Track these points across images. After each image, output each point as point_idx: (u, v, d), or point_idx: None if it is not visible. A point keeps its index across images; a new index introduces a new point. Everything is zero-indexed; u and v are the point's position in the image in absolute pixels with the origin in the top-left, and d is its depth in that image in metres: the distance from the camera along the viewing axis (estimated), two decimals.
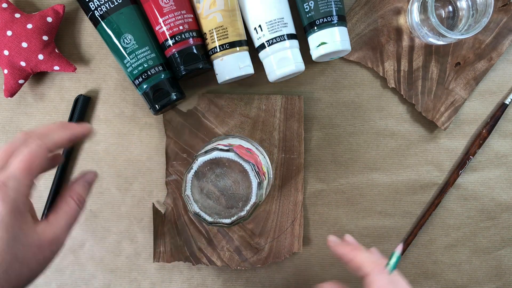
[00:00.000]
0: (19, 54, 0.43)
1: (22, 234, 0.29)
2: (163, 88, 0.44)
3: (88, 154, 0.48)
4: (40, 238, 0.30)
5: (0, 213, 0.28)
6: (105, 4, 0.43)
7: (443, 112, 0.46)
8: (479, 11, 0.42)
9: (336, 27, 0.43)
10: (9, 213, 0.28)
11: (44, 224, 0.31)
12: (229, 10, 0.43)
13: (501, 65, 0.47)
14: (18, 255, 0.28)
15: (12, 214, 0.28)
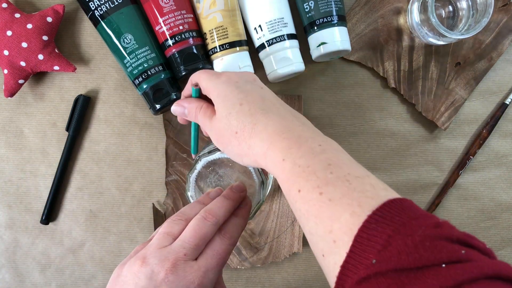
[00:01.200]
0: (19, 54, 0.43)
1: None
2: (163, 88, 0.44)
3: (88, 154, 0.48)
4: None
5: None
6: (105, 4, 0.43)
7: (443, 112, 0.46)
8: (479, 11, 0.42)
9: (336, 27, 0.42)
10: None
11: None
12: (229, 10, 0.43)
13: (501, 65, 0.47)
14: None
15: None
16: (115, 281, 0.29)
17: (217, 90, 0.32)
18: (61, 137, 0.48)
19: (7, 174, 0.48)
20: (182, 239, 0.30)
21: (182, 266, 0.28)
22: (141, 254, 0.30)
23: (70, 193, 0.48)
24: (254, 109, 0.30)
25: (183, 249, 0.29)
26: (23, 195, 0.48)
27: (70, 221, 0.48)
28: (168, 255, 0.29)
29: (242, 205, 0.34)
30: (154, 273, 0.28)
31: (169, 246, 0.30)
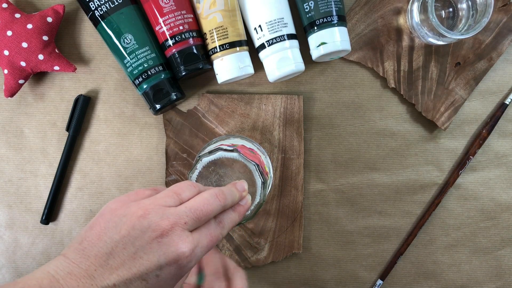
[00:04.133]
0: (19, 54, 0.43)
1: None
2: (163, 88, 0.44)
3: (88, 154, 0.48)
4: None
5: (173, 275, 0.28)
6: (105, 4, 0.43)
7: (443, 112, 0.46)
8: (479, 11, 0.42)
9: (336, 27, 0.43)
10: (176, 278, 0.29)
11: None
12: (229, 10, 0.43)
13: (501, 65, 0.47)
14: None
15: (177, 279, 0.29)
16: (106, 218, 0.28)
17: None
18: (61, 137, 0.48)
19: (7, 174, 0.48)
20: (189, 206, 0.29)
21: (179, 232, 0.28)
22: (145, 205, 0.29)
23: (70, 193, 0.48)
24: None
25: (186, 216, 0.29)
26: (23, 195, 0.48)
27: (70, 221, 0.48)
28: (170, 216, 0.28)
29: (241, 202, 0.34)
30: (150, 228, 0.27)
31: (174, 208, 0.29)
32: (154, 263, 0.27)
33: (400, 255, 0.47)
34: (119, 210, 0.29)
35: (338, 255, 0.48)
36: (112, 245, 0.27)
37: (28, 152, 0.48)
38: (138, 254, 0.27)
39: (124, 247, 0.27)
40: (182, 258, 0.28)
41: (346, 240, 0.48)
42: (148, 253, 0.27)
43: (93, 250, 0.27)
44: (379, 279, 0.48)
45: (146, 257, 0.27)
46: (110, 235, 0.27)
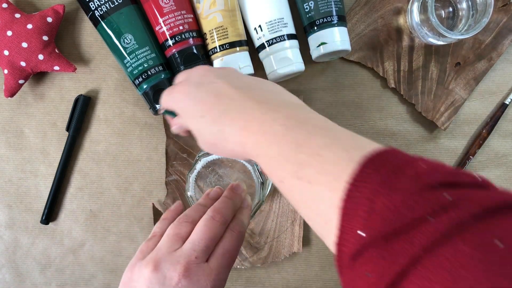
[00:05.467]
0: (19, 54, 0.43)
1: None
2: (163, 88, 0.44)
3: (88, 154, 0.48)
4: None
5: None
6: (105, 4, 0.43)
7: (443, 112, 0.46)
8: (479, 11, 0.42)
9: (336, 27, 0.43)
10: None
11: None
12: (229, 10, 0.43)
13: (501, 65, 0.47)
14: None
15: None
16: (126, 286, 0.29)
17: (178, 108, 0.31)
18: (61, 137, 0.48)
19: (7, 174, 0.48)
20: (192, 242, 0.30)
21: (195, 270, 0.28)
22: (152, 257, 0.29)
23: (70, 193, 0.48)
24: (214, 116, 0.28)
25: (194, 251, 0.29)
26: (23, 195, 0.48)
27: (70, 221, 0.48)
28: (179, 259, 0.29)
29: (243, 205, 0.34)
30: (166, 278, 0.28)
31: (180, 250, 0.30)
32: None
33: None
34: (131, 275, 0.29)
35: None
36: None
37: (28, 152, 0.48)
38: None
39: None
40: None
41: None
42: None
43: None
44: None
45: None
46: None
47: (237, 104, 0.28)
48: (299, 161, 0.23)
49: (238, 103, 0.28)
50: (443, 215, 0.18)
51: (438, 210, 0.18)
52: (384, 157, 0.21)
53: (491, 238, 0.17)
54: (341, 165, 0.22)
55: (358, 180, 0.21)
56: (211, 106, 0.28)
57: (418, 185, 0.19)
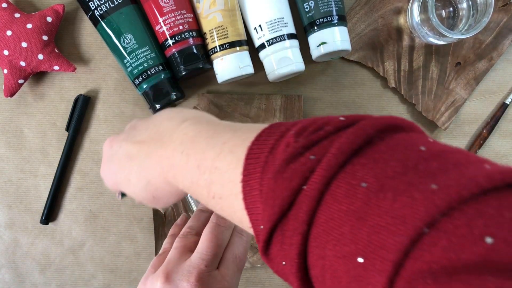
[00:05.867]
0: (19, 54, 0.43)
1: None
2: (163, 88, 0.43)
3: (88, 154, 0.48)
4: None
5: None
6: (105, 4, 0.43)
7: (443, 112, 0.46)
8: (480, 11, 0.42)
9: (336, 27, 0.42)
10: None
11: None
12: (229, 10, 0.43)
13: (502, 65, 0.47)
14: None
15: None
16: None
17: (112, 186, 0.33)
18: (61, 137, 0.48)
19: (7, 174, 0.48)
20: (199, 251, 0.30)
21: (207, 279, 0.29)
22: (162, 270, 0.29)
23: (70, 193, 0.48)
24: (136, 175, 0.29)
25: (203, 260, 0.29)
26: (23, 195, 0.48)
27: (70, 221, 0.48)
28: (190, 269, 0.29)
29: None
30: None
31: (189, 260, 0.30)
32: None
33: None
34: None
35: None
36: None
37: (27, 152, 0.48)
38: None
39: None
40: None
41: None
42: None
43: None
44: None
45: None
46: None
47: (145, 153, 0.28)
48: (206, 182, 0.24)
49: (146, 152, 0.28)
50: (312, 178, 0.19)
51: (307, 175, 0.19)
52: (261, 143, 0.22)
53: (358, 182, 0.18)
54: (233, 170, 0.22)
55: (245, 177, 0.22)
56: (129, 169, 0.29)
57: (286, 160, 0.20)
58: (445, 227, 0.15)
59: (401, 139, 0.19)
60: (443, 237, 0.15)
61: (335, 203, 0.18)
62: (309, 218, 0.18)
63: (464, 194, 0.15)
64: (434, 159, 0.18)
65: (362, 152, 0.19)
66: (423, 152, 0.18)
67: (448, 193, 0.16)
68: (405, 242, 0.15)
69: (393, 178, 0.17)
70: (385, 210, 0.16)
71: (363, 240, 0.17)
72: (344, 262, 0.17)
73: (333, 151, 0.19)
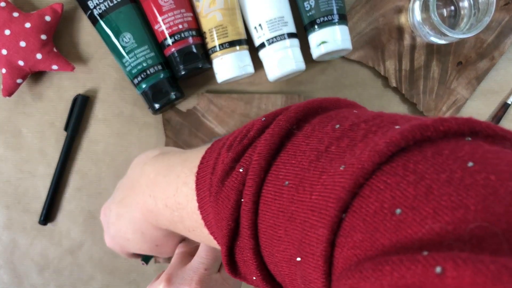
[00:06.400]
0: (17, 53, 0.43)
1: None
2: (162, 87, 0.43)
3: (87, 154, 0.47)
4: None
5: None
6: (104, 3, 0.42)
7: (445, 112, 0.46)
8: (481, 10, 0.42)
9: (337, 26, 0.42)
10: None
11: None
12: (229, 8, 0.43)
13: (503, 64, 0.47)
14: None
15: None
16: None
17: (119, 251, 0.35)
18: (59, 137, 0.47)
19: (5, 174, 0.48)
20: (199, 255, 0.31)
21: (207, 282, 0.29)
22: (165, 275, 0.30)
23: (68, 194, 0.48)
24: (136, 231, 0.31)
25: (203, 264, 0.30)
26: (21, 196, 0.48)
27: (69, 222, 0.48)
28: (190, 273, 0.29)
29: None
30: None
31: (189, 264, 0.30)
32: None
33: None
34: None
35: None
36: None
37: (26, 152, 0.47)
38: None
39: None
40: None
41: None
42: None
43: None
44: None
45: None
46: None
47: (128, 206, 0.31)
48: (178, 218, 0.25)
49: (127, 205, 0.31)
50: (244, 190, 0.20)
51: (241, 188, 0.20)
52: (204, 166, 0.24)
53: (281, 182, 0.18)
54: (191, 202, 0.24)
55: (200, 205, 0.23)
56: (123, 228, 0.31)
57: (221, 178, 0.21)
58: (358, 207, 0.15)
59: (317, 123, 0.19)
60: (359, 219, 0.15)
61: (268, 209, 0.18)
62: (253, 231, 0.19)
63: (368, 167, 0.15)
64: (347, 135, 0.18)
65: (283, 148, 0.19)
66: (337, 131, 0.18)
67: (353, 172, 0.15)
68: (326, 234, 0.15)
69: (309, 169, 0.17)
70: (307, 205, 0.17)
71: (297, 239, 0.17)
72: (289, 266, 0.18)
73: (255, 158, 0.19)
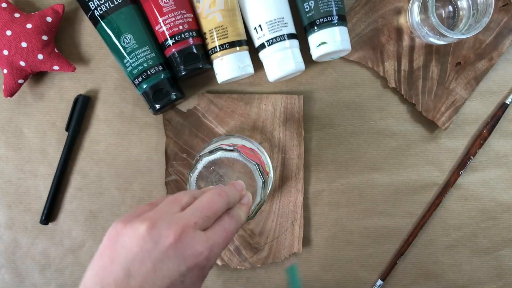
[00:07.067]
0: (19, 54, 0.43)
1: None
2: (163, 88, 0.43)
3: (87, 154, 0.48)
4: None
5: (194, 279, 0.28)
6: (105, 4, 0.43)
7: (443, 112, 0.46)
8: (480, 10, 0.42)
9: (337, 26, 0.42)
10: (201, 280, 0.28)
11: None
12: (229, 9, 0.43)
13: (502, 65, 0.47)
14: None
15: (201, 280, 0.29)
16: (114, 240, 0.27)
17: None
18: (60, 137, 0.48)
19: (6, 174, 0.48)
20: (194, 208, 0.29)
21: (192, 234, 0.27)
22: (149, 216, 0.28)
23: (69, 193, 0.48)
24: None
25: (194, 217, 0.28)
26: (23, 195, 0.48)
27: (70, 221, 0.48)
28: (178, 221, 0.27)
29: (243, 201, 0.34)
30: (162, 237, 0.26)
31: (180, 213, 0.28)
32: (175, 271, 0.26)
33: (400, 255, 0.47)
34: (124, 229, 0.28)
35: (338, 255, 0.48)
36: (128, 265, 0.26)
37: (27, 152, 0.48)
38: (157, 266, 0.26)
39: (141, 263, 0.26)
40: (201, 259, 0.27)
41: (346, 240, 0.48)
42: (167, 262, 0.26)
43: (110, 276, 0.26)
44: (380, 280, 0.48)
45: (166, 267, 0.26)
46: (123, 256, 0.26)
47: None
48: None
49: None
50: None
51: None
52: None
53: None
54: None
55: None
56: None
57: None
58: None
59: None
60: None
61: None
62: None
63: None
64: None
65: None
66: None
67: None
68: None
69: None
70: None
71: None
72: None
73: None
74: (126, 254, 0.26)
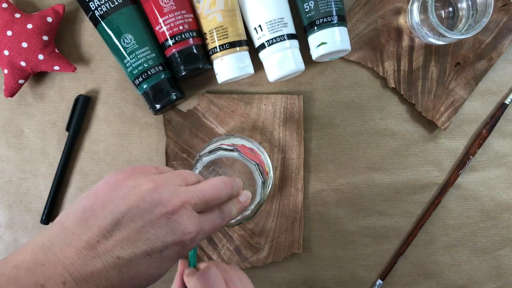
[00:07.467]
0: (19, 54, 0.43)
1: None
2: (163, 88, 0.44)
3: (88, 154, 0.48)
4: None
5: (175, 255, 0.27)
6: (105, 4, 0.43)
7: (443, 112, 0.46)
8: (479, 11, 0.42)
9: (336, 27, 0.43)
10: (176, 258, 0.28)
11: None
12: (229, 10, 0.43)
13: (501, 65, 0.47)
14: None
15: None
16: (112, 187, 0.27)
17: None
18: (61, 137, 0.48)
19: (7, 174, 0.48)
20: (199, 188, 0.29)
21: (189, 212, 0.27)
22: (155, 178, 0.28)
23: (70, 193, 0.48)
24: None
25: (196, 197, 0.28)
26: (23, 195, 0.48)
27: None
28: (181, 194, 0.27)
29: (241, 199, 0.34)
30: (161, 203, 0.26)
31: (185, 187, 0.28)
32: (160, 239, 0.26)
33: (400, 255, 0.47)
34: (127, 180, 0.27)
35: (338, 255, 0.48)
36: (118, 215, 0.26)
37: (28, 152, 0.48)
38: (146, 228, 0.26)
39: (132, 219, 0.26)
40: (187, 238, 0.27)
41: (346, 240, 0.48)
42: (156, 228, 0.26)
43: (97, 220, 0.25)
44: (379, 279, 0.48)
45: (153, 232, 0.26)
46: (117, 204, 0.26)
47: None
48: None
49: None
50: None
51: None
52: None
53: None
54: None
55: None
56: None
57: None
58: None
59: None
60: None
61: None
62: None
63: None
64: None
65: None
66: None
67: None
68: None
69: None
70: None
71: None
72: None
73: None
74: (120, 204, 0.26)
